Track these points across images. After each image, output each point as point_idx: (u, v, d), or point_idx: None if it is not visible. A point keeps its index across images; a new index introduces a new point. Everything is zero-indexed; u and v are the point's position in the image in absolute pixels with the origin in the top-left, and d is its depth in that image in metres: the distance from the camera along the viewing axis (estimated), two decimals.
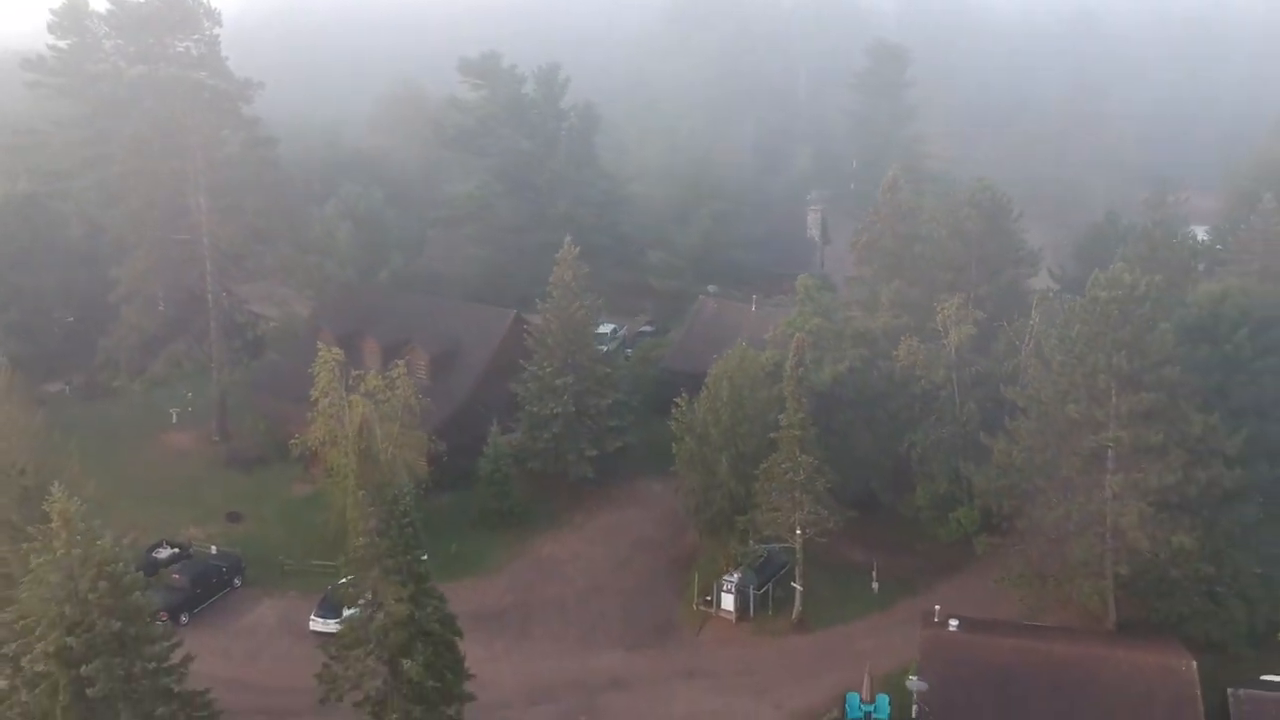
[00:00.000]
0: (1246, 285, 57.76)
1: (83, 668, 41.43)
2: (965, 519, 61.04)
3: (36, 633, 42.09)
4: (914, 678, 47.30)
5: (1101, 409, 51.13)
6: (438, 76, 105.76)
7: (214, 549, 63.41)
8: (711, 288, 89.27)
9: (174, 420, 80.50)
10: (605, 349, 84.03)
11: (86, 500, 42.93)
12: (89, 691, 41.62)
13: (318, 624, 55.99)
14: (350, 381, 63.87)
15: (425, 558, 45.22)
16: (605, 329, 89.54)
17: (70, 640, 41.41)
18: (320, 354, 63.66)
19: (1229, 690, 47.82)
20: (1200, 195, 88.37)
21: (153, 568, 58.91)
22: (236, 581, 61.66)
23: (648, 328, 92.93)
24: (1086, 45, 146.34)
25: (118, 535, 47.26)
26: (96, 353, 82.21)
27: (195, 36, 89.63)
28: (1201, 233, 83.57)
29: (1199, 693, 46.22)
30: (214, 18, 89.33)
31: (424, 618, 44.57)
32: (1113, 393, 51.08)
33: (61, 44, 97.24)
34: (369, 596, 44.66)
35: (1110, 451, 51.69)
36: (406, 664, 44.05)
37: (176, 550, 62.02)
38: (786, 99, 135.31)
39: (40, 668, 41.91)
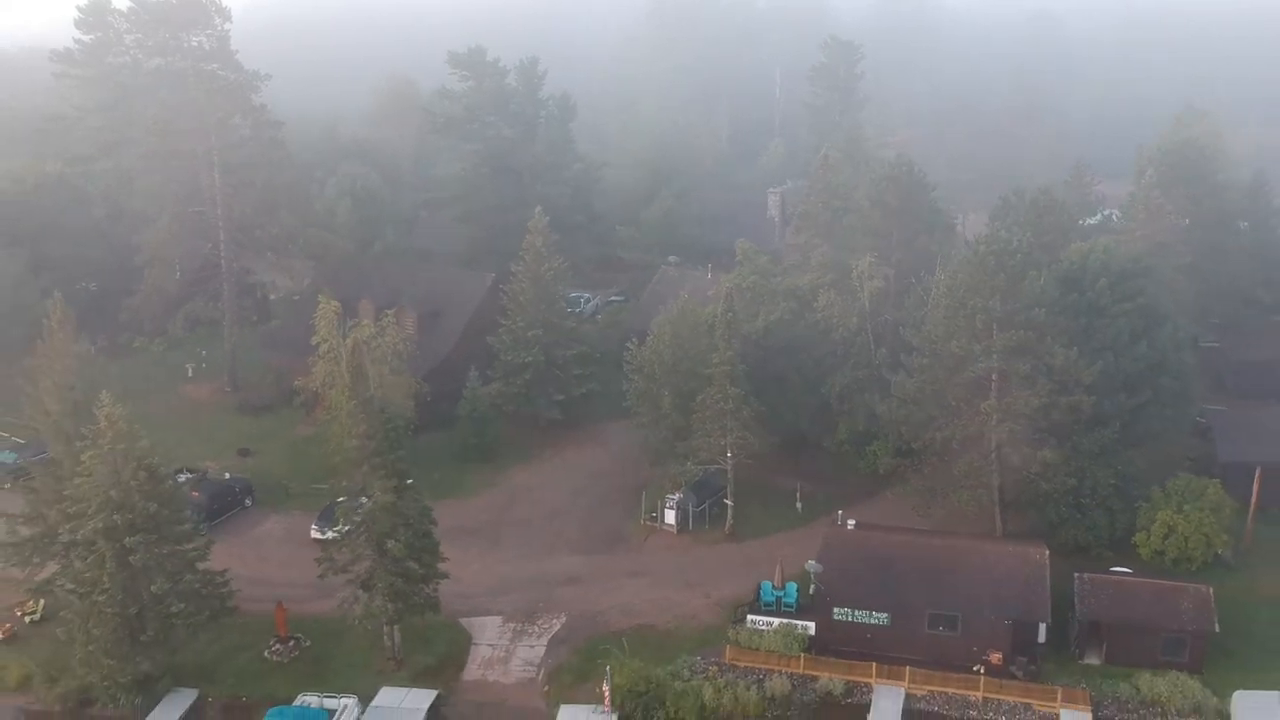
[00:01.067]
0: (1110, 245, 67.08)
1: (125, 540, 50.97)
2: (880, 450, 70.23)
3: (88, 514, 51.62)
4: (813, 561, 56.73)
5: (980, 345, 60.42)
6: (428, 69, 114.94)
7: (227, 475, 72.87)
8: (672, 258, 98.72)
9: (190, 374, 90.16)
10: (578, 312, 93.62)
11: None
12: (131, 559, 51.18)
13: (316, 533, 65.27)
14: (346, 330, 73.26)
15: (404, 455, 54.32)
16: (579, 297, 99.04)
17: (116, 518, 50.93)
18: (320, 304, 73.10)
19: (1075, 574, 57.31)
20: (1121, 181, 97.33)
21: None
22: (248, 502, 71.21)
23: (617, 297, 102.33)
24: (1040, 43, 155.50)
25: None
26: (119, 315, 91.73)
27: (207, 32, 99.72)
28: (1116, 213, 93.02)
29: (1047, 572, 55.64)
30: (224, 14, 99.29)
31: (404, 506, 54.08)
32: (992, 331, 60.43)
33: (86, 38, 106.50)
34: (359, 488, 54.11)
35: (991, 382, 61.05)
36: (390, 544, 53.57)
37: (194, 474, 71.24)
38: (760, 93, 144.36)
39: (91, 542, 51.49)
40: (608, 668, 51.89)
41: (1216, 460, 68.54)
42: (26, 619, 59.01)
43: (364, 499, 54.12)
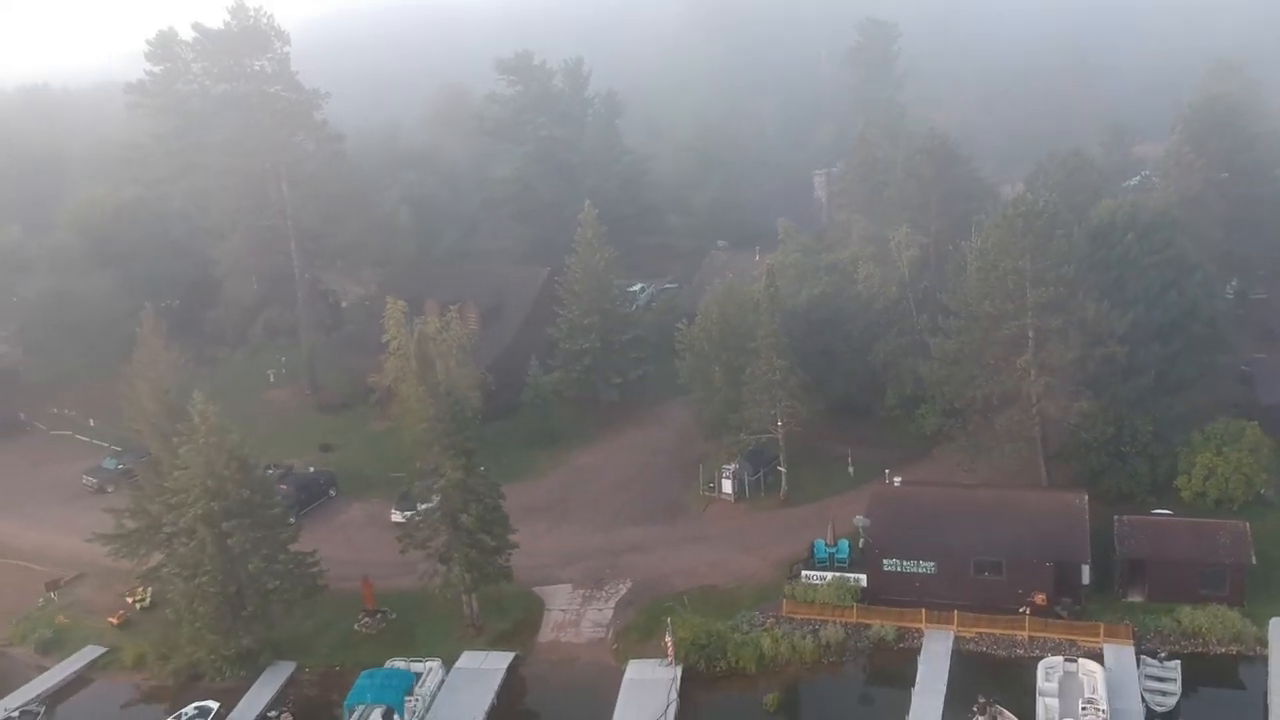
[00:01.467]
0: (1138, 201, 69.11)
1: (223, 524, 55.76)
2: (927, 413, 72.89)
3: (187, 503, 56.50)
4: (860, 516, 59.83)
5: (1013, 304, 62.97)
6: (478, 75, 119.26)
7: (311, 469, 77.80)
8: (721, 243, 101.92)
9: (271, 380, 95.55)
10: (636, 305, 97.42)
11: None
12: (228, 542, 55.95)
13: (397, 516, 69.56)
14: (413, 328, 77.66)
15: (472, 435, 58.54)
16: (635, 288, 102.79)
17: (213, 505, 55.76)
18: (388, 304, 77.64)
19: (1115, 517, 59.67)
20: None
21: None
22: (332, 492, 76.09)
23: (671, 284, 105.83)
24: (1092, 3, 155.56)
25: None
26: (202, 328, 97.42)
27: (268, 56, 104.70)
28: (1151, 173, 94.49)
29: (1086, 516, 58.09)
30: (283, 38, 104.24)
31: (474, 483, 58.21)
32: (1025, 290, 62.94)
33: (156, 69, 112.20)
34: (432, 468, 58.34)
35: (1027, 338, 63.57)
36: (463, 518, 57.71)
37: (280, 469, 76.16)
38: (806, 76, 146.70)
39: (191, 530, 56.36)
40: (668, 621, 55.53)
41: (1259, 405, 70.10)
42: (137, 606, 64.18)
43: (435, 477, 58.25)
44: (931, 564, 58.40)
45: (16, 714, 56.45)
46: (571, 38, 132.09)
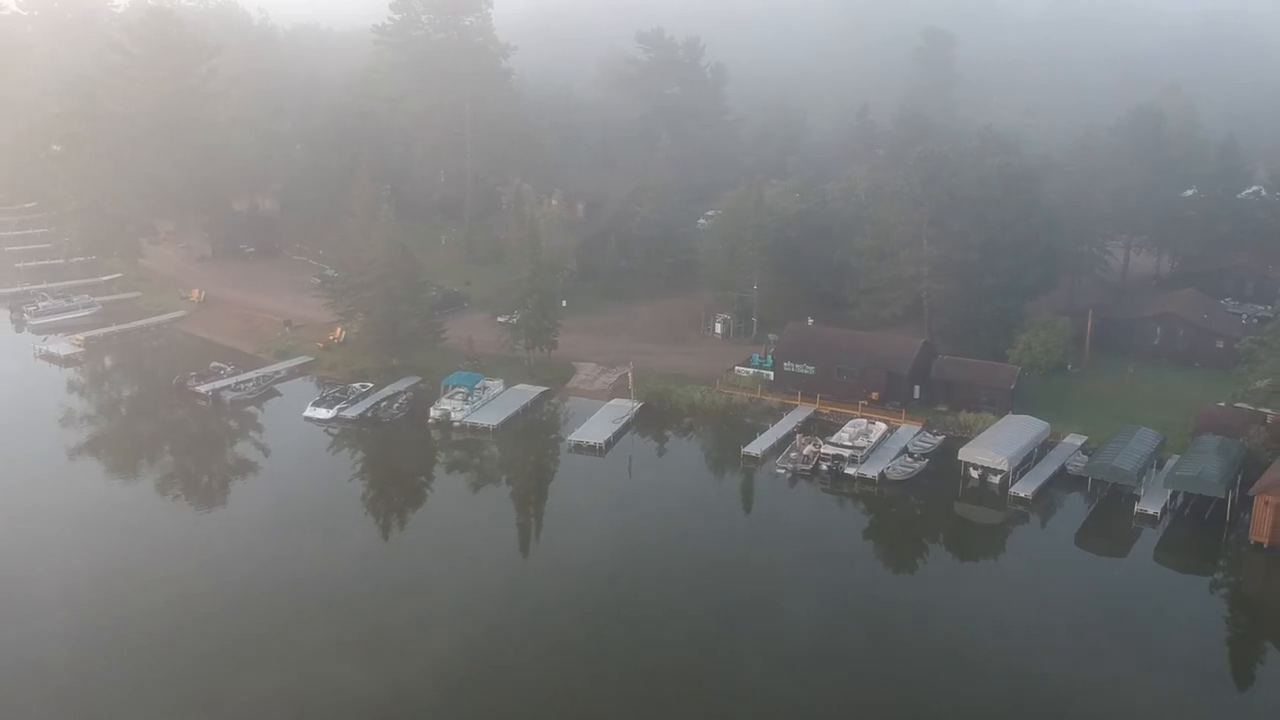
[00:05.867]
0: (1009, 161, 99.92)
1: (390, 282, 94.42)
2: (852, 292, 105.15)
3: (372, 268, 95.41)
4: (772, 335, 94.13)
5: (912, 221, 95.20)
6: (626, 41, 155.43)
7: (456, 290, 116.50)
8: (774, 181, 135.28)
9: (443, 243, 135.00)
10: (702, 222, 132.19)
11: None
12: (391, 294, 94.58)
13: (501, 319, 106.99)
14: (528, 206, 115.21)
15: (548, 277, 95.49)
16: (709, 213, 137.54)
17: (386, 270, 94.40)
18: (515, 186, 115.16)
19: (937, 356, 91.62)
20: None
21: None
22: (465, 305, 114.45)
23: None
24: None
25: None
26: (394, 200, 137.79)
27: (476, 14, 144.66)
28: None
29: (916, 350, 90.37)
30: (487, 1, 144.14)
31: (539, 282, 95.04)
32: (922, 210, 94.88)
33: (396, 17, 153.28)
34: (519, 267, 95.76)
35: (922, 243, 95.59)
36: (530, 301, 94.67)
37: (438, 289, 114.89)
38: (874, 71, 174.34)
39: (371, 285, 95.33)
40: (630, 364, 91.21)
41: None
42: (334, 340, 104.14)
43: (520, 275, 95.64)
44: (811, 368, 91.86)
45: (251, 383, 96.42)
46: (702, 16, 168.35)
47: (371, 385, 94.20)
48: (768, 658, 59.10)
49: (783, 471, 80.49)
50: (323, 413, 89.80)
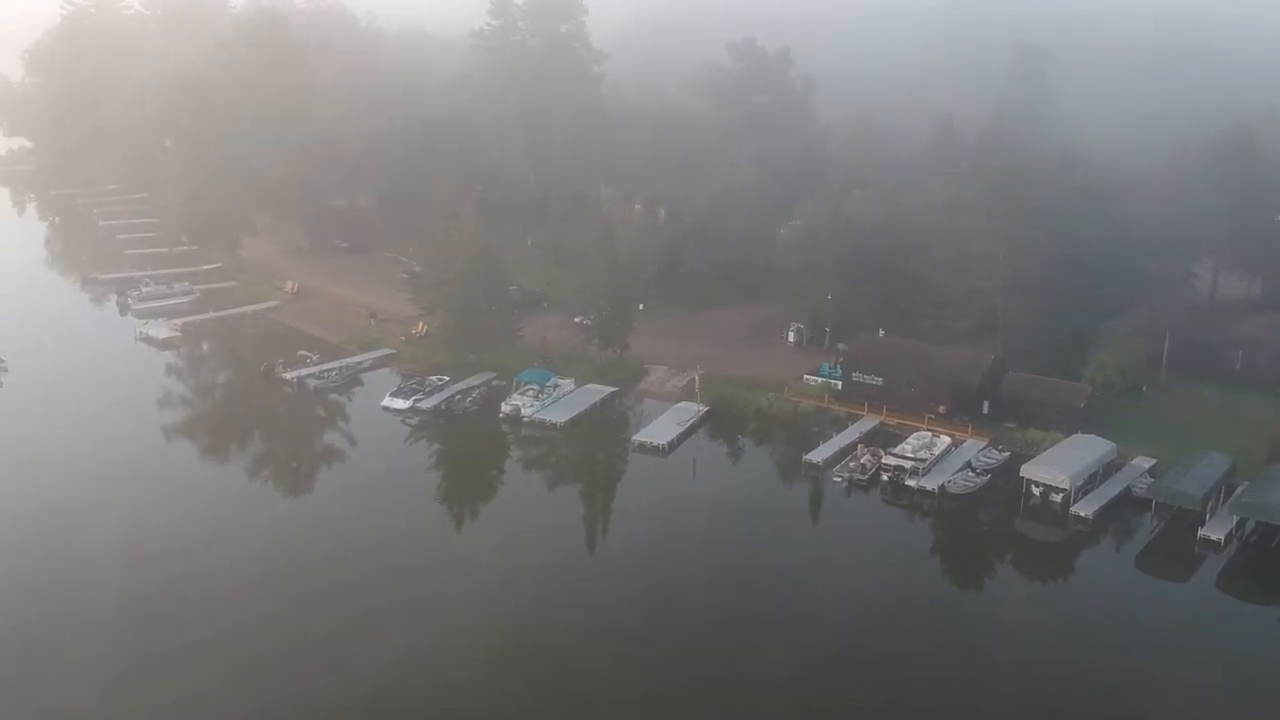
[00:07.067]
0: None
1: (469, 279, 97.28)
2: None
3: (453, 265, 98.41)
4: (842, 345, 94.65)
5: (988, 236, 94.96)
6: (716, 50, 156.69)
7: (536, 288, 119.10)
8: (856, 190, 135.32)
9: (529, 243, 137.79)
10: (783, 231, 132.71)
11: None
12: (470, 292, 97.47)
13: (577, 319, 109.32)
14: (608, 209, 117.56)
15: (624, 280, 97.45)
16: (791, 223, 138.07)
17: (466, 267, 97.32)
18: (602, 193, 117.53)
19: (1009, 373, 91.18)
20: None
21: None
22: (544, 304, 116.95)
23: None
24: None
25: None
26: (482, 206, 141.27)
27: (571, 21, 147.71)
28: None
29: (986, 365, 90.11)
30: (584, 10, 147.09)
31: (614, 285, 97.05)
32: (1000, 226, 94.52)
33: (494, 22, 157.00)
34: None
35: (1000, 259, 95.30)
36: (602, 303, 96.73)
37: (516, 286, 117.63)
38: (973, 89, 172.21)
39: (451, 281, 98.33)
40: (698, 368, 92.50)
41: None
42: (416, 334, 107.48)
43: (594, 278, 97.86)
44: (880, 379, 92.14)
45: (335, 371, 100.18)
46: (791, 24, 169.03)
47: (448, 379, 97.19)
48: (807, 660, 60.22)
49: (839, 480, 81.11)
50: (400, 403, 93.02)
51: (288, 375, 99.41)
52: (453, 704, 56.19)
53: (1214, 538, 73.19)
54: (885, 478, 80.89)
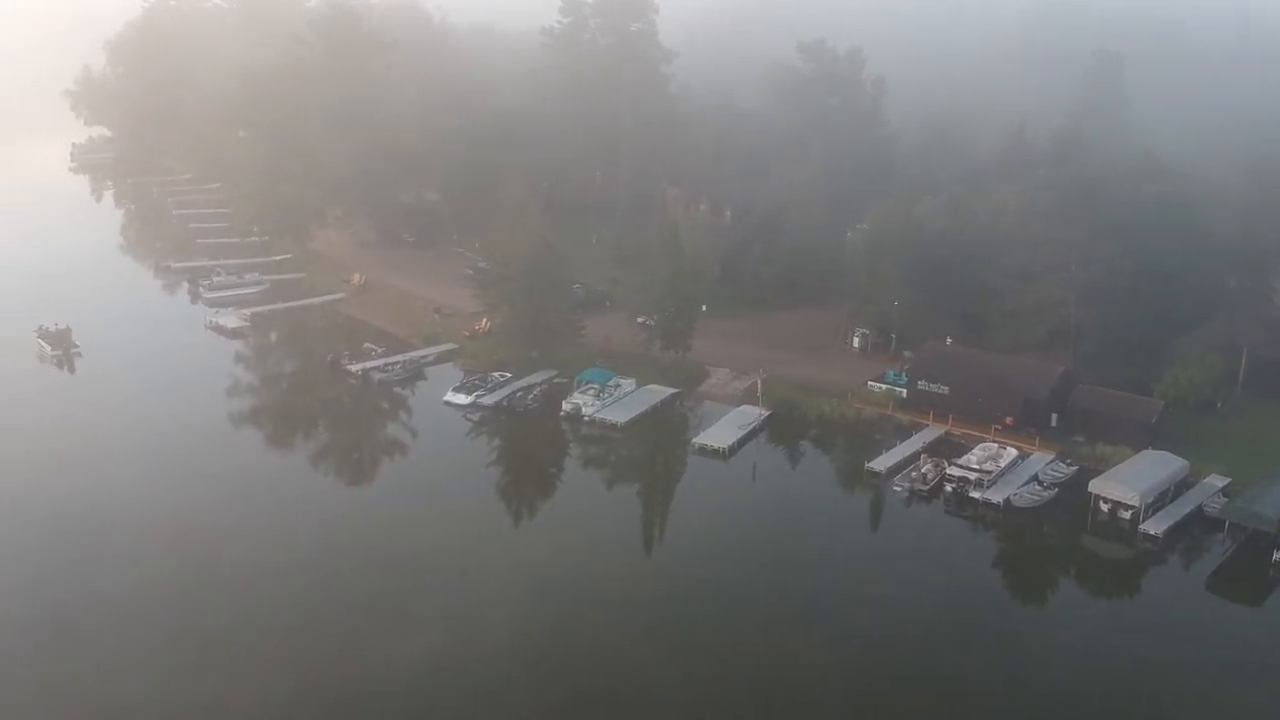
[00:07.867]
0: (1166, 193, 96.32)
1: (533, 280, 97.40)
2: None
3: (518, 264, 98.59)
4: (908, 352, 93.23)
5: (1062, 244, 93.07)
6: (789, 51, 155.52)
7: (600, 287, 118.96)
8: (926, 197, 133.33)
9: (594, 241, 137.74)
10: (850, 235, 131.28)
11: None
12: (533, 291, 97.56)
13: (640, 319, 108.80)
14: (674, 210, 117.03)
15: (688, 280, 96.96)
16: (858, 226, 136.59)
17: (529, 267, 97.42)
18: (667, 194, 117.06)
19: (1077, 386, 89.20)
20: None
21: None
22: (608, 304, 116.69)
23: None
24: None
25: None
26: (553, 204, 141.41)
27: (642, 20, 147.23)
28: None
29: (1054, 377, 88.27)
30: (654, 9, 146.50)
31: (679, 286, 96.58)
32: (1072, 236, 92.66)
33: (565, 20, 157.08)
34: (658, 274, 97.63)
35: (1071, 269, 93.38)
36: (667, 304, 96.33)
37: (580, 285, 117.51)
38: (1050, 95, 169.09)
39: (515, 279, 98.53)
40: (760, 372, 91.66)
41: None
42: (480, 330, 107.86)
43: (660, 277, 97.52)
44: (946, 387, 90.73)
45: (399, 365, 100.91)
46: (864, 28, 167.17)
47: (510, 375, 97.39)
48: (863, 674, 59.40)
49: (900, 489, 79.96)
50: (461, 398, 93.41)
51: (352, 368, 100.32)
52: (498, 698, 56.22)
53: None
54: (949, 488, 79.60)
